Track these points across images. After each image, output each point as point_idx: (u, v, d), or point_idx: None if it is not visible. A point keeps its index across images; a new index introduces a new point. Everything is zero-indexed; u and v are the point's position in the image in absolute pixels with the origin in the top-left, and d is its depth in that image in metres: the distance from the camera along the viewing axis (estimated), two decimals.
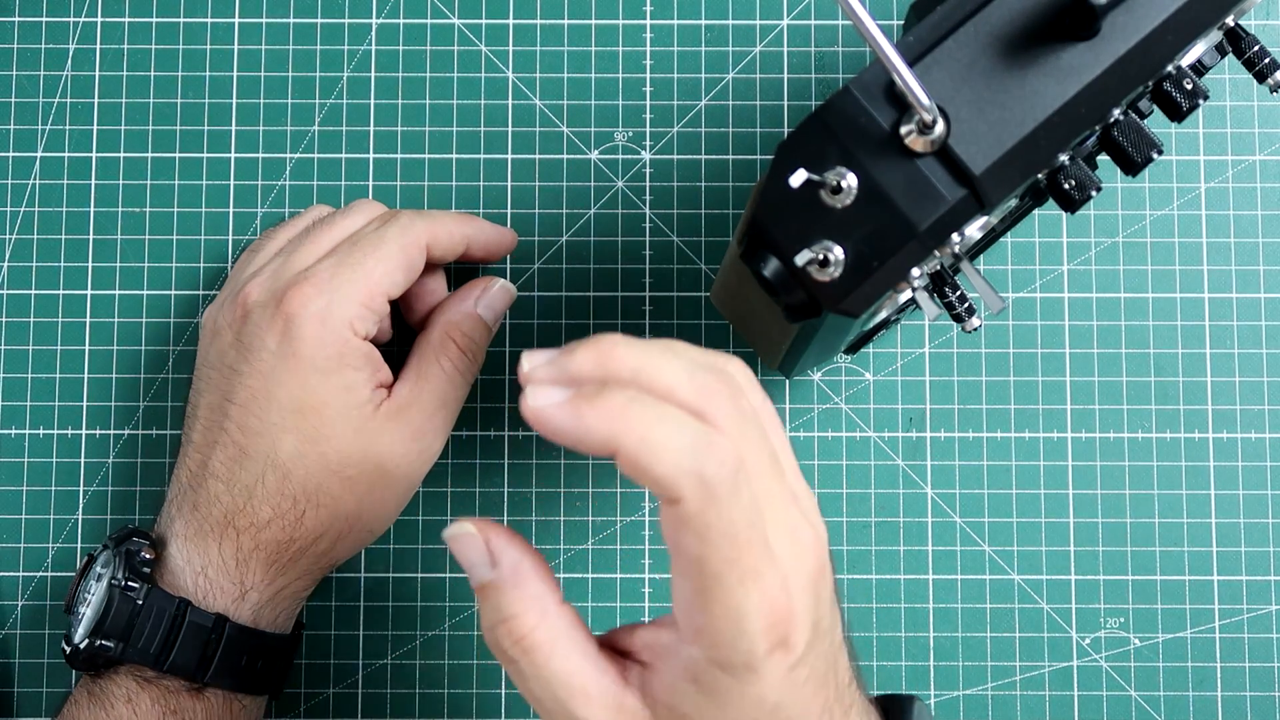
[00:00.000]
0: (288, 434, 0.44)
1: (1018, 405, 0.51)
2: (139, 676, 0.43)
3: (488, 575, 0.34)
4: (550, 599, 0.35)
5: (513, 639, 0.34)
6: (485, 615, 0.35)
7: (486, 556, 0.34)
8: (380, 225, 0.47)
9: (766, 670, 0.33)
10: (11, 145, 0.52)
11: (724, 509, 0.31)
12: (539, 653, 0.34)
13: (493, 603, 0.34)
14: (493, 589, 0.34)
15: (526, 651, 0.34)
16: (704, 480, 0.31)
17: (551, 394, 0.33)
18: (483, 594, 0.35)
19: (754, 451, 0.32)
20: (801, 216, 0.33)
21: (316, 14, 0.53)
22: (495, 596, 0.34)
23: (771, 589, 0.32)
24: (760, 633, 0.32)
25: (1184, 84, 0.35)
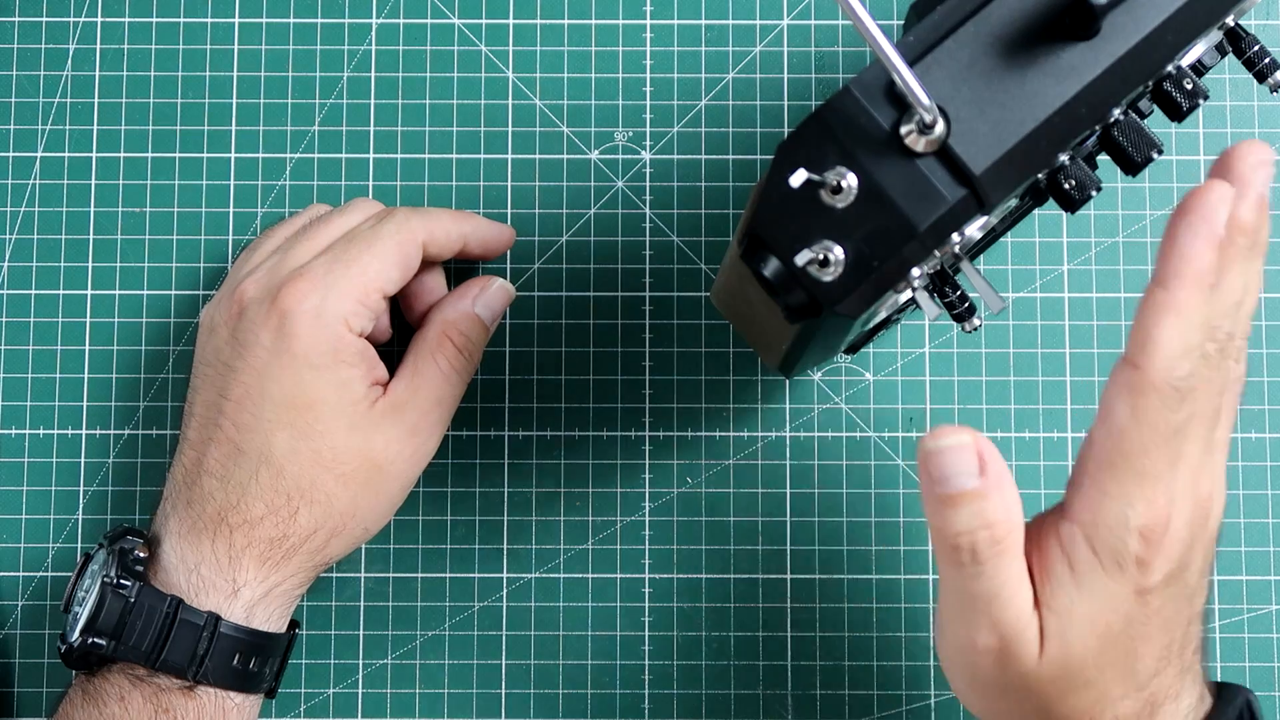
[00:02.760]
0: (281, 430, 0.44)
1: (1018, 405, 0.51)
2: (131, 675, 0.43)
3: (973, 483, 0.35)
4: (1019, 502, 0.36)
5: (992, 541, 0.36)
6: (959, 521, 0.36)
7: (976, 465, 0.35)
8: (376, 222, 0.47)
9: (1125, 575, 0.36)
10: (11, 145, 0.52)
11: (1166, 403, 0.35)
12: (1007, 554, 0.36)
13: (974, 509, 0.35)
14: (976, 495, 0.35)
15: (1000, 554, 0.36)
16: (1170, 368, 0.34)
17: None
18: (959, 500, 0.35)
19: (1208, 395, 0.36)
20: (801, 216, 0.33)
21: (316, 14, 0.53)
22: (978, 503, 0.35)
23: (1159, 501, 0.35)
24: (1135, 530, 0.35)
25: (1184, 84, 0.35)
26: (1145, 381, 0.35)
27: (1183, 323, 0.35)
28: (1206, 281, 0.35)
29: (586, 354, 0.52)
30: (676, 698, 0.51)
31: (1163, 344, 0.35)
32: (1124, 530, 0.36)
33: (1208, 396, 0.36)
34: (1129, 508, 0.35)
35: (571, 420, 0.52)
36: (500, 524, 0.51)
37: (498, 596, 0.51)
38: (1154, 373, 0.35)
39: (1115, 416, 0.35)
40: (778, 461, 0.51)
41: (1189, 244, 0.35)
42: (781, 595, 0.51)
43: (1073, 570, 0.36)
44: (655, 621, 0.51)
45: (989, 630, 0.37)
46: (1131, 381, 0.35)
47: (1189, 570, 0.37)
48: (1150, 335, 0.35)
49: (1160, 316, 0.35)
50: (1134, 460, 0.35)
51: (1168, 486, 0.36)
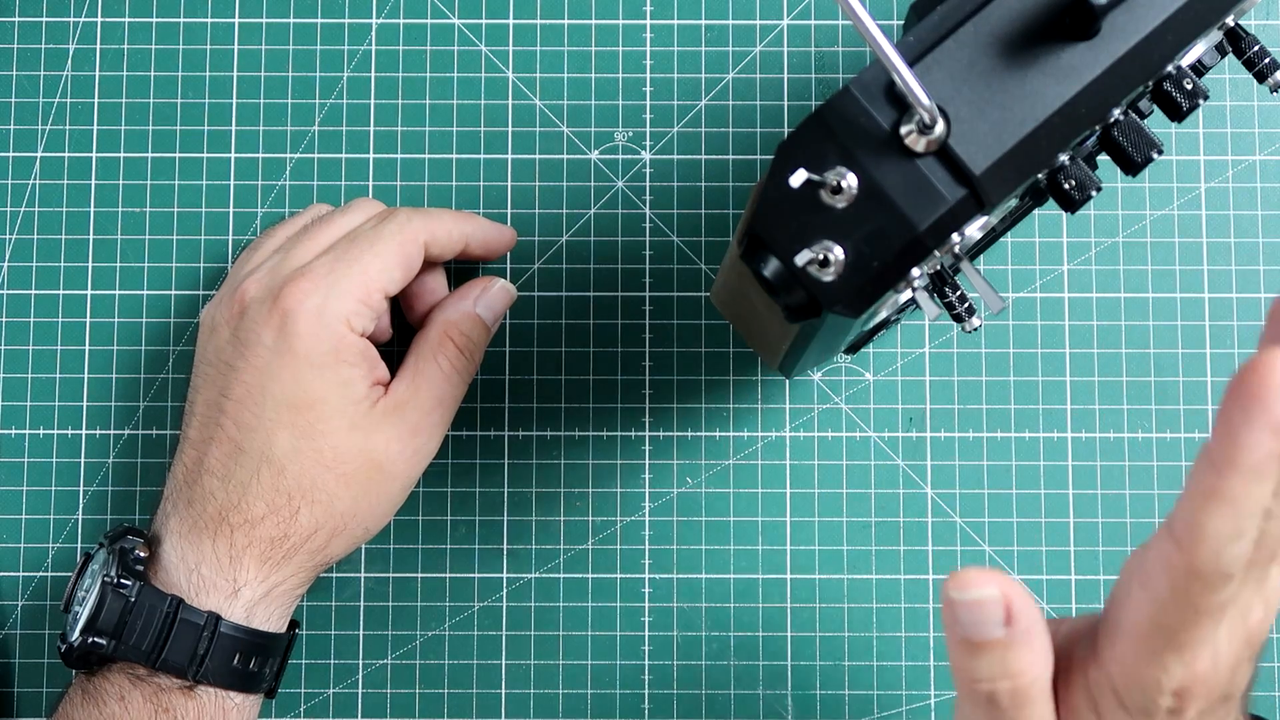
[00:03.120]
0: (282, 430, 0.44)
1: (1018, 405, 0.51)
2: (131, 674, 0.43)
3: (998, 633, 0.33)
4: (1048, 652, 0.34)
5: (1014, 692, 0.34)
6: (979, 669, 0.34)
7: (1003, 615, 0.33)
8: (378, 222, 0.47)
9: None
10: (11, 145, 0.52)
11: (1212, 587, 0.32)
12: (1032, 705, 0.34)
13: (996, 659, 0.34)
14: (1000, 646, 0.33)
15: (1022, 705, 0.34)
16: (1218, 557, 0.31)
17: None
18: (983, 650, 0.34)
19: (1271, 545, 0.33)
20: (801, 216, 0.33)
21: (316, 14, 0.53)
22: (1001, 653, 0.34)
23: (1200, 664, 0.33)
24: (1170, 693, 0.33)
25: (1184, 84, 0.35)
26: (1190, 567, 0.32)
27: (1234, 512, 0.31)
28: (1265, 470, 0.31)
29: (586, 354, 0.52)
30: (676, 698, 0.51)
31: (1211, 535, 0.31)
32: (1158, 693, 0.33)
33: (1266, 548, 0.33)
34: (1164, 673, 0.33)
35: (571, 420, 0.52)
36: (500, 524, 0.51)
37: (498, 596, 0.51)
38: (1200, 562, 0.32)
39: (1154, 590, 0.33)
40: (778, 461, 0.51)
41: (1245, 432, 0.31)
42: (781, 595, 0.51)
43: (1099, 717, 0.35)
44: (655, 621, 0.51)
45: None
46: (1175, 563, 0.32)
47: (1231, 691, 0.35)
48: (1197, 524, 0.31)
49: (1209, 505, 0.31)
50: (1174, 634, 0.33)
51: (1211, 649, 0.33)
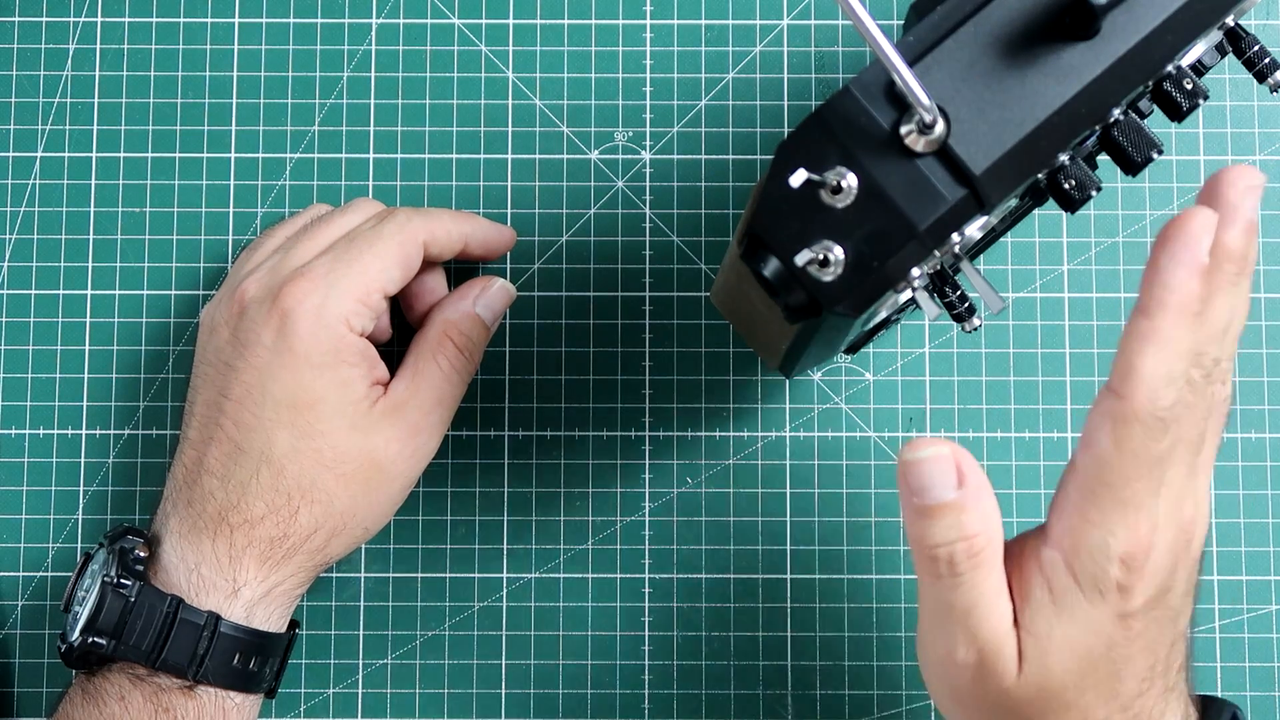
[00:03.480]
0: (282, 429, 0.44)
1: (1018, 405, 0.51)
2: (131, 674, 0.43)
3: (951, 495, 0.35)
4: (998, 514, 0.37)
5: (970, 553, 0.36)
6: (936, 533, 0.36)
7: (955, 477, 0.35)
8: (377, 222, 0.47)
9: (1106, 601, 0.36)
10: (11, 145, 0.52)
11: (1150, 432, 0.34)
12: (985, 567, 0.36)
13: (951, 520, 0.35)
14: (953, 508, 0.35)
15: (977, 566, 0.36)
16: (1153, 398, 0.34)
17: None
18: (937, 513, 0.35)
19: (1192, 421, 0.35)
20: (801, 216, 0.33)
21: (316, 14, 0.53)
22: (955, 515, 0.35)
23: (1141, 527, 0.35)
24: (1116, 558, 0.35)
25: (1184, 84, 0.35)
26: (1128, 411, 0.34)
27: (1166, 352, 0.34)
28: (1191, 310, 0.34)
29: (586, 354, 0.52)
30: (676, 698, 0.51)
31: (1146, 374, 0.34)
32: (1105, 558, 0.36)
33: (1192, 422, 0.36)
34: (1110, 535, 0.35)
35: (571, 420, 0.52)
36: (500, 524, 0.51)
37: (498, 596, 0.51)
38: (1137, 403, 0.34)
39: (1098, 445, 0.35)
40: (778, 461, 0.51)
41: (1172, 273, 0.34)
42: (781, 595, 0.51)
43: (1052, 595, 0.36)
44: (655, 621, 0.51)
45: (966, 644, 0.37)
46: (1114, 411, 0.35)
47: (1171, 593, 0.37)
48: (1133, 365, 0.34)
49: (1143, 346, 0.34)
50: (1116, 489, 0.35)
51: (1150, 513, 0.36)
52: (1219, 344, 0.36)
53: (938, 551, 0.36)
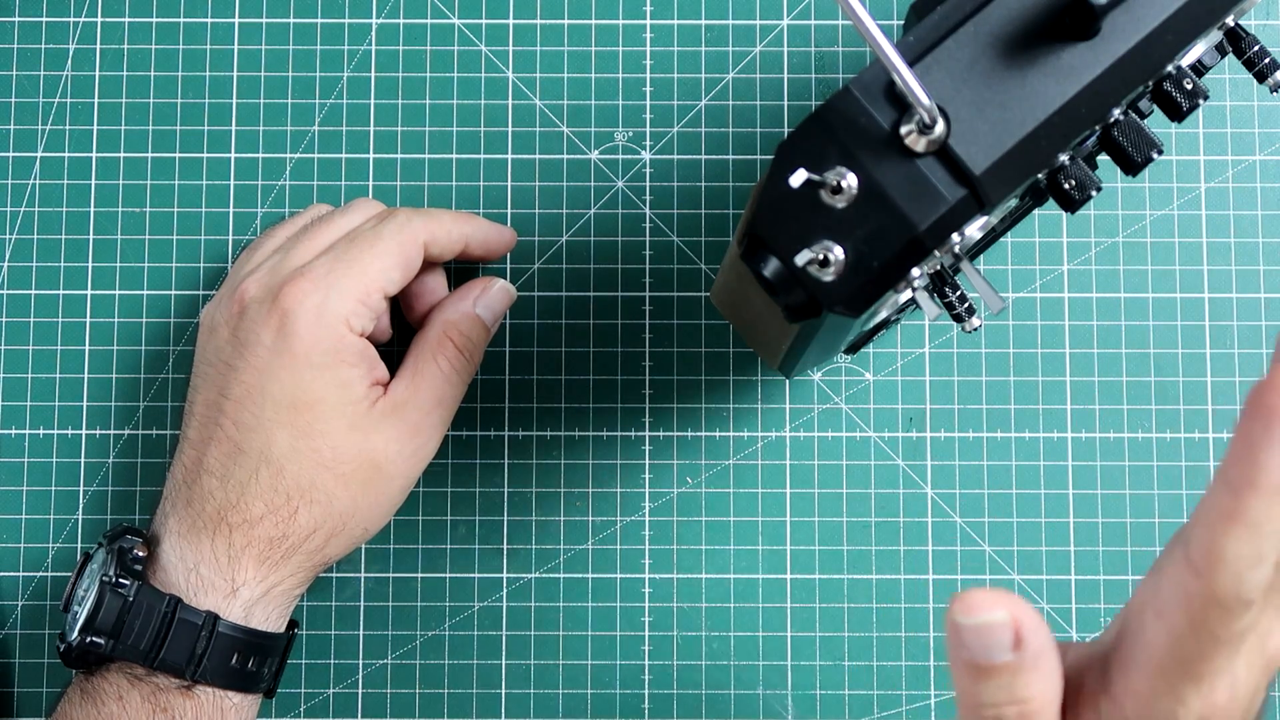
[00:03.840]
0: (282, 429, 0.44)
1: (1018, 405, 0.51)
2: (130, 674, 0.43)
3: (1006, 658, 0.32)
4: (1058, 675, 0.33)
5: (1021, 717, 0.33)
6: (985, 694, 0.33)
7: (1011, 639, 0.32)
8: (378, 223, 0.47)
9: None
10: (11, 145, 0.52)
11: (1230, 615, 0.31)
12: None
13: (1004, 684, 0.32)
14: (1009, 670, 0.32)
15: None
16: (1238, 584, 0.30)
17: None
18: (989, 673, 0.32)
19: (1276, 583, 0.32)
20: (801, 216, 0.33)
21: (316, 14, 0.53)
22: (1010, 678, 0.32)
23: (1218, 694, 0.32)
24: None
25: (1184, 84, 0.35)
26: (1209, 594, 0.31)
27: (1255, 535, 0.30)
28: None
29: (586, 354, 0.52)
30: (676, 698, 0.51)
31: (1230, 559, 0.30)
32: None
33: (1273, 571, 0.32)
34: (1180, 705, 0.32)
35: (571, 420, 0.52)
36: (500, 524, 0.51)
37: (498, 596, 0.51)
38: (1220, 589, 0.31)
39: (1171, 621, 0.32)
40: (778, 461, 0.51)
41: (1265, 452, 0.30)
42: (781, 595, 0.51)
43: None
44: (655, 621, 0.51)
45: None
46: (1192, 590, 0.31)
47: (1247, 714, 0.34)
48: (1217, 546, 0.30)
49: (1229, 528, 0.30)
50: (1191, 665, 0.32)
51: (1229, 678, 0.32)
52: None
53: (984, 713, 0.33)
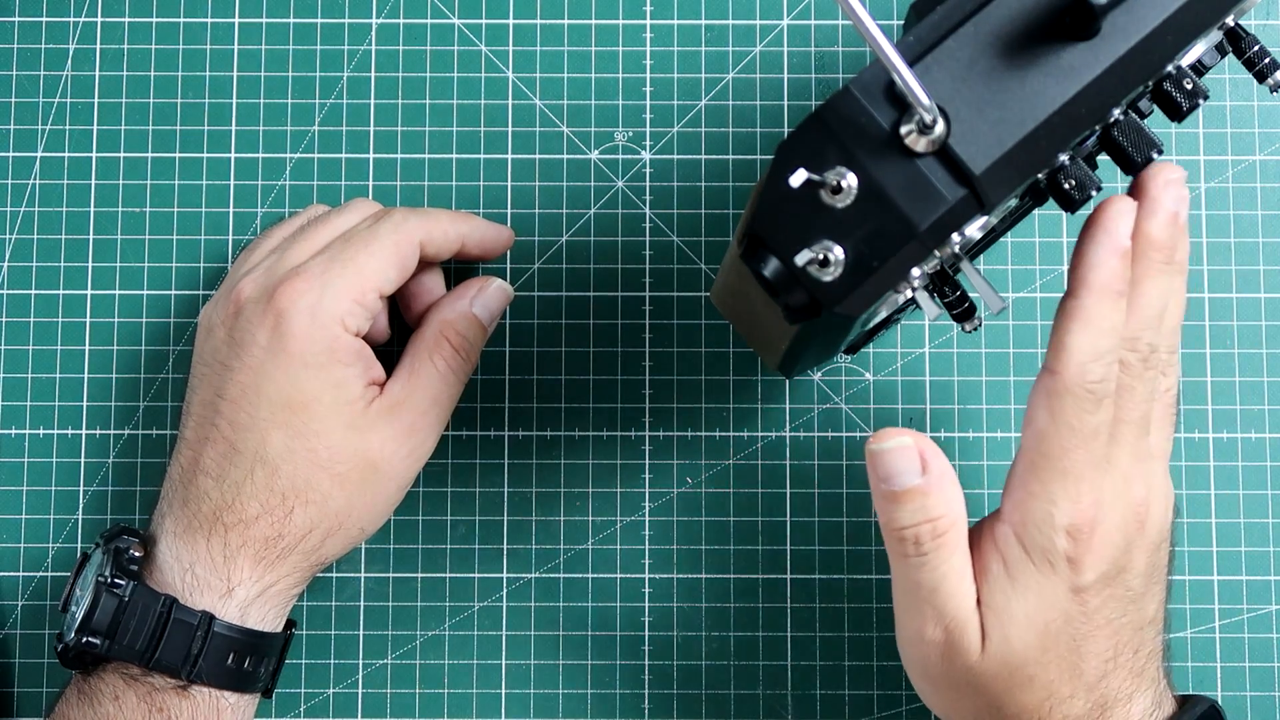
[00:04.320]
0: (277, 429, 0.44)
1: (1018, 405, 0.51)
2: (126, 674, 0.43)
3: (915, 480, 0.38)
4: (962, 498, 0.39)
5: (934, 534, 0.38)
6: (903, 516, 0.38)
7: (919, 464, 0.38)
8: (374, 222, 0.47)
9: (1058, 573, 0.38)
10: (11, 145, 0.52)
11: (1081, 405, 0.37)
12: (948, 548, 0.38)
13: (916, 504, 0.38)
14: (919, 493, 0.38)
15: (940, 547, 0.38)
16: (1081, 371, 0.36)
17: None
18: (904, 498, 0.38)
19: (1133, 404, 0.38)
20: (801, 216, 0.33)
21: (316, 14, 0.53)
22: (920, 499, 0.38)
23: (1084, 501, 0.38)
24: (1061, 529, 0.38)
25: (1184, 84, 0.35)
26: (1059, 385, 0.37)
27: (1092, 329, 0.37)
28: (1113, 289, 0.37)
29: (586, 354, 0.52)
30: (676, 698, 0.51)
31: (1073, 349, 0.37)
32: (1050, 528, 0.38)
33: (1133, 404, 0.38)
34: (1053, 505, 0.38)
35: (571, 420, 0.52)
36: (500, 524, 0.51)
37: (498, 596, 0.51)
38: (1067, 376, 0.37)
39: (1036, 420, 0.38)
40: (778, 461, 0.51)
41: (1093, 253, 0.37)
42: (781, 595, 0.51)
43: (1007, 569, 0.38)
44: (655, 621, 0.51)
45: (934, 622, 0.39)
46: (1048, 386, 0.37)
47: (1127, 572, 0.39)
48: (1062, 341, 0.37)
49: (1070, 323, 0.37)
50: (1055, 460, 0.37)
51: (1093, 487, 0.38)
52: (1154, 331, 0.38)
53: (904, 533, 0.38)
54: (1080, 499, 0.38)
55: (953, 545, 0.38)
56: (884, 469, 0.38)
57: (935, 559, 0.38)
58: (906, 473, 0.38)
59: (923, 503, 0.38)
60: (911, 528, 0.38)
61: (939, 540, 0.38)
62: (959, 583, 0.39)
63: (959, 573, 0.39)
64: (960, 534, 0.39)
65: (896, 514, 0.38)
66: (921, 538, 0.38)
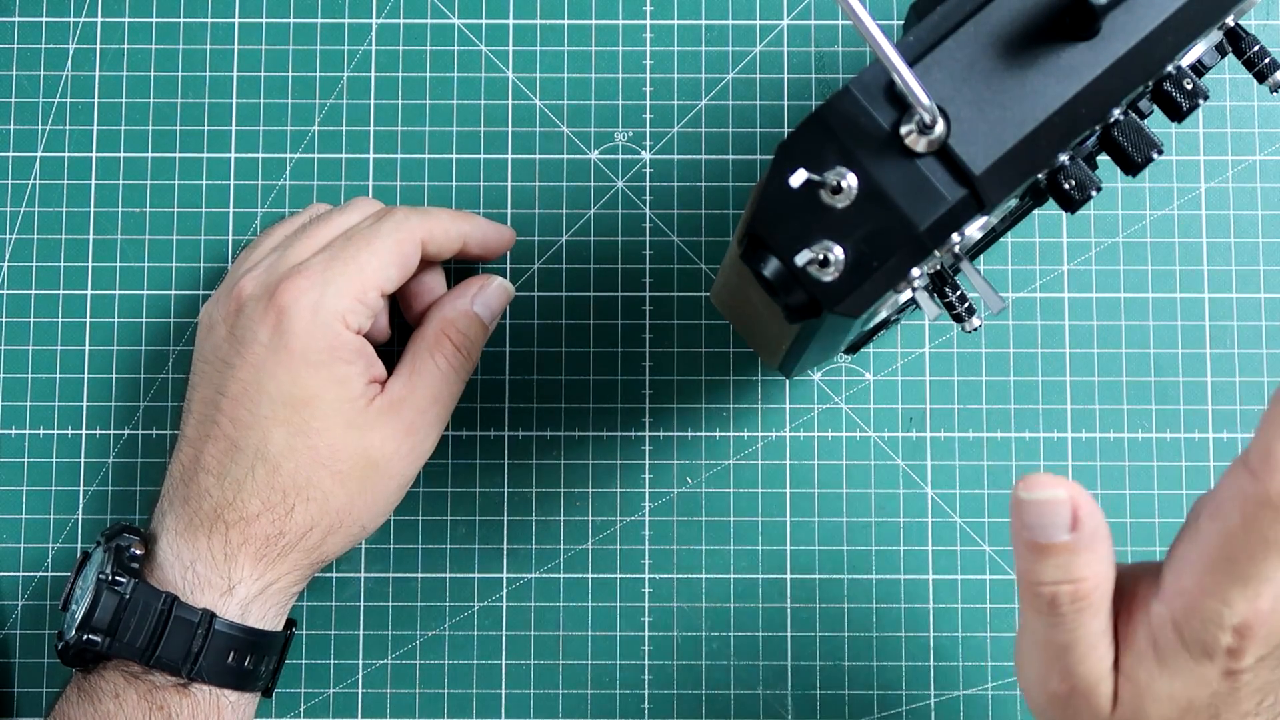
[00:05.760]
0: (278, 427, 0.44)
1: (1018, 405, 0.51)
2: (126, 672, 0.43)
3: (1064, 537, 0.35)
4: (1112, 559, 0.36)
5: (1075, 597, 0.35)
6: (1043, 573, 0.35)
7: (1070, 519, 0.35)
8: (375, 221, 0.47)
9: (1214, 663, 0.35)
10: (11, 145, 0.52)
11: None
12: (1089, 612, 0.35)
13: (1061, 562, 0.35)
14: (1065, 550, 0.35)
15: (1080, 611, 0.35)
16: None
17: None
18: (1048, 552, 0.35)
19: None
20: (801, 216, 0.33)
21: (316, 14, 0.53)
22: (1067, 557, 0.35)
23: (1262, 602, 0.34)
24: (1231, 628, 0.34)
25: (1184, 84, 0.35)
26: (1263, 494, 0.33)
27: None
28: None
29: (586, 354, 0.52)
30: (676, 698, 0.51)
31: None
32: (1218, 627, 0.35)
33: None
34: (1226, 607, 0.35)
35: (571, 420, 0.52)
36: (500, 524, 0.51)
37: (498, 596, 0.51)
38: (1273, 489, 0.33)
39: (1227, 518, 0.34)
40: (778, 461, 0.51)
41: None
42: (781, 595, 0.51)
43: (1157, 651, 0.36)
44: (655, 621, 0.51)
45: (1061, 678, 0.36)
46: (1248, 490, 0.34)
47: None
48: (1272, 451, 0.33)
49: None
50: (1239, 566, 0.34)
51: (1273, 587, 0.34)
52: None
53: (1042, 590, 0.35)
54: (1258, 601, 0.34)
55: (1095, 610, 0.36)
56: (1030, 517, 0.35)
57: (1073, 622, 0.36)
58: (1055, 527, 0.35)
59: (1069, 560, 0.35)
60: (1050, 585, 0.35)
61: (1079, 604, 0.35)
62: (1094, 645, 0.36)
63: (1096, 635, 0.36)
64: (1104, 597, 0.36)
65: (1037, 569, 0.35)
66: (1060, 599, 0.35)
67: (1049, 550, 0.35)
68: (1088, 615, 0.35)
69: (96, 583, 0.43)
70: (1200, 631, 0.35)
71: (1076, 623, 0.36)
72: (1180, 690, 0.35)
